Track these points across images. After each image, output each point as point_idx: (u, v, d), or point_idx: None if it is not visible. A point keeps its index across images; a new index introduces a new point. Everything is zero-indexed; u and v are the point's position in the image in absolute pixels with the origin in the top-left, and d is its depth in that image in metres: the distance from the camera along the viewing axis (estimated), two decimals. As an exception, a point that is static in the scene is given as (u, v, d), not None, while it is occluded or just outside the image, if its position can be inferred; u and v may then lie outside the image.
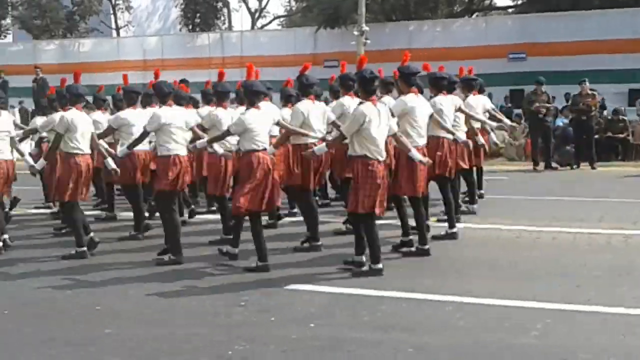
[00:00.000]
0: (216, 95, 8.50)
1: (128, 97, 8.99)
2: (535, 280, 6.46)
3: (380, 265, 6.68)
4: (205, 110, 9.22)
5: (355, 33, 20.51)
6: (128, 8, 36.34)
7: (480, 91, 10.75)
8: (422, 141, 7.52)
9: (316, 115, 7.85)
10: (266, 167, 6.84)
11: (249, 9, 35.86)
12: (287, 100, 8.88)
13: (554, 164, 15.38)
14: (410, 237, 7.63)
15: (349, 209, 6.85)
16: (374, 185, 6.50)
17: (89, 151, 7.89)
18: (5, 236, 8.26)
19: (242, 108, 8.00)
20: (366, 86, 6.64)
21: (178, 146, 7.40)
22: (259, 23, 36.47)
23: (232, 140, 7.75)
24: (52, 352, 4.89)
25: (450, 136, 8.20)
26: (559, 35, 21.38)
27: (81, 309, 5.87)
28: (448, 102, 8.39)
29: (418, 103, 7.53)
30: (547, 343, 4.85)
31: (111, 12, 36.04)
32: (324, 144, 7.30)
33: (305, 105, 7.87)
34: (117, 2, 35.64)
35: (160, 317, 5.59)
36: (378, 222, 6.85)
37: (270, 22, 38.27)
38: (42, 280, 6.81)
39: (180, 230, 7.50)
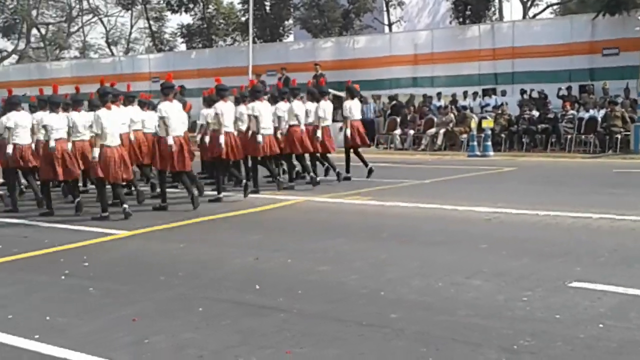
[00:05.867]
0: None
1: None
2: None
3: (106, 213, 10.31)
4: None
5: (640, 18, 19.09)
6: (400, 4, 37.15)
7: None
8: (116, 142, 10.47)
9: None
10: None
11: (520, -2, 34.87)
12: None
13: None
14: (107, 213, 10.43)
15: (93, 174, 10.57)
16: (107, 161, 10.23)
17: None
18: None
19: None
20: (101, 98, 10.41)
21: (18, 139, 11.53)
22: (531, 12, 35.32)
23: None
24: (343, 333, 5.20)
25: (181, 134, 11.21)
26: None
27: (368, 293, 6.18)
28: (174, 108, 11.12)
29: (110, 114, 10.39)
30: None
31: (384, 9, 37.15)
32: None
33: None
34: (390, -2, 36.65)
35: (441, 306, 5.71)
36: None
37: (542, 10, 36.89)
38: (333, 266, 7.32)
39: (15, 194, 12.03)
